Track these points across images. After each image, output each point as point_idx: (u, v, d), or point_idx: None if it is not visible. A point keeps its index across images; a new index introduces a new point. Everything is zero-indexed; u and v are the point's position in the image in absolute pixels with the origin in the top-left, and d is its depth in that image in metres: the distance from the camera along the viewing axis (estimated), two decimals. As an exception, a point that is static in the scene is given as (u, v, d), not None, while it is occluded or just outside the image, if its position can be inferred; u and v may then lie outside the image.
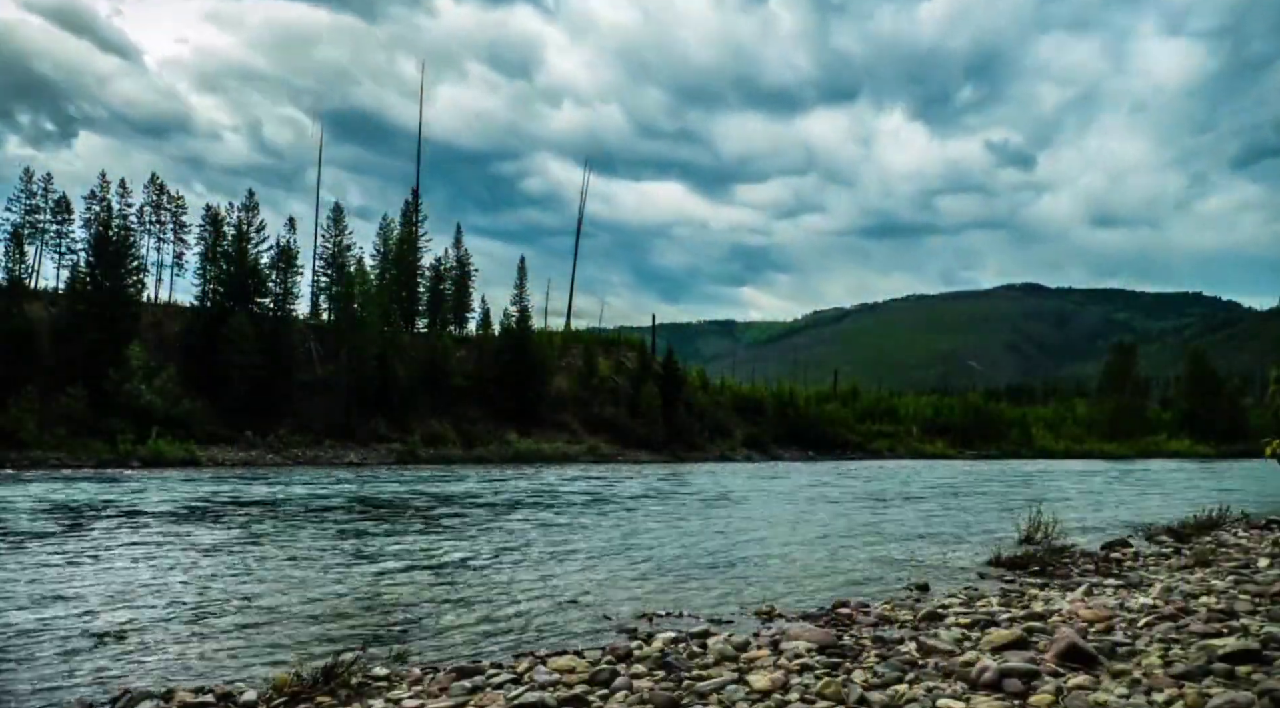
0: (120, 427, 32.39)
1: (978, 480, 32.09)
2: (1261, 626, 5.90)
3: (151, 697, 5.23)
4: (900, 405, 72.85)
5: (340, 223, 49.11)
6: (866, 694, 4.68)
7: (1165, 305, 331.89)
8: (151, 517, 15.41)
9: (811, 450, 55.28)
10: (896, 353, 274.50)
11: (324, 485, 23.92)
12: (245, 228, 42.37)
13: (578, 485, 25.74)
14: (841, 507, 19.94)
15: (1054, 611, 7.01)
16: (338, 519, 15.63)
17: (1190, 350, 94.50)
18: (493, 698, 4.96)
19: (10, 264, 36.86)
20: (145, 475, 26.36)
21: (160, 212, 47.16)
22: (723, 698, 4.79)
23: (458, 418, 44.70)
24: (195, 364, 38.65)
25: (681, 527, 15.28)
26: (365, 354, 41.14)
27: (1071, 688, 4.58)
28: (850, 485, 28.41)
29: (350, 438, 39.49)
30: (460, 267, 54.64)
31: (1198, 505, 15.92)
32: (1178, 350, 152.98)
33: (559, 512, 17.69)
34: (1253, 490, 26.96)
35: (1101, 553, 11.60)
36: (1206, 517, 14.40)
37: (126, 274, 38.46)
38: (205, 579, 9.34)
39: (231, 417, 36.95)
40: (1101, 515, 18.37)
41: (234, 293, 40.67)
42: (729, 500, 21.49)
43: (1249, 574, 8.79)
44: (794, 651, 5.76)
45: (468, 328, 54.05)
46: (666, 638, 6.52)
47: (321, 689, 5.22)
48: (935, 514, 18.35)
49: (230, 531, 13.59)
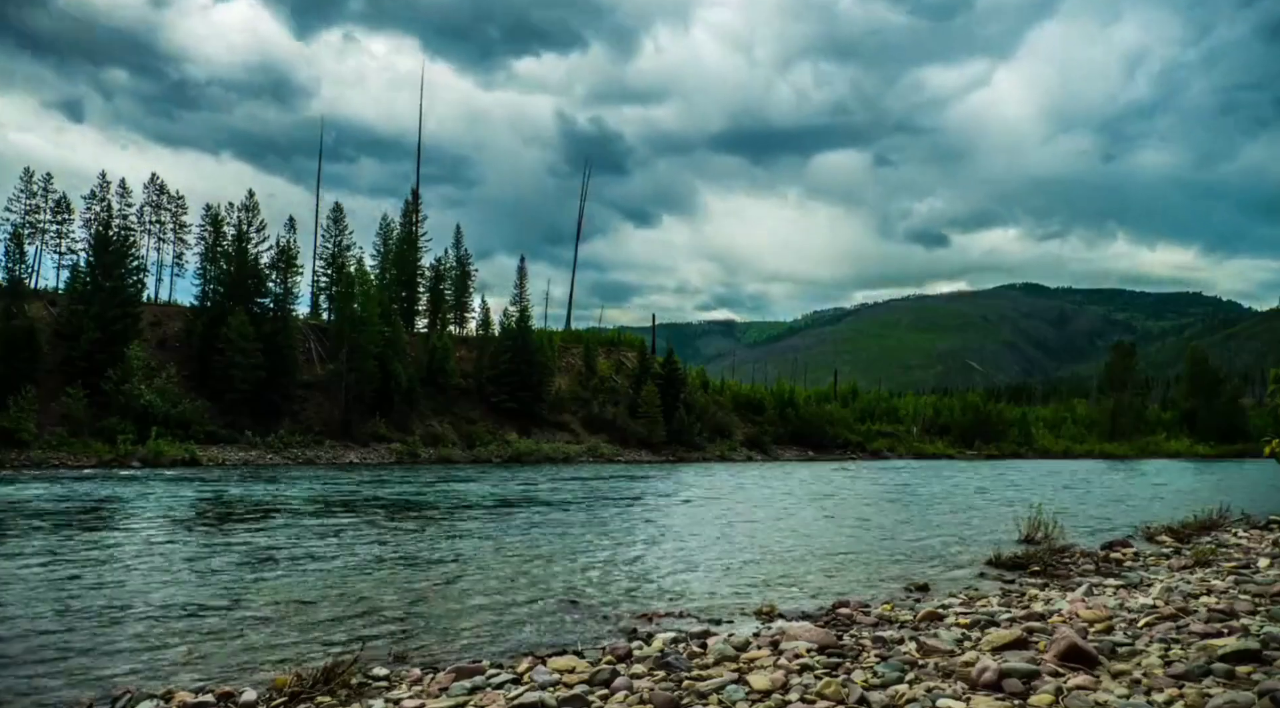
0: (120, 427, 32.38)
1: (977, 480, 32.08)
2: (1261, 626, 5.90)
3: (151, 697, 5.23)
4: (900, 405, 72.88)
5: (340, 223, 49.15)
6: (866, 694, 4.68)
7: (1165, 305, 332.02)
8: (151, 517, 15.41)
9: (811, 451, 55.28)
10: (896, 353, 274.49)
11: (324, 486, 23.91)
12: (245, 228, 42.35)
13: (578, 486, 25.73)
14: (841, 507, 19.94)
15: (1054, 611, 7.01)
16: (337, 520, 15.62)
17: (1190, 350, 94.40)
18: (493, 698, 4.96)
19: (10, 264, 36.86)
20: (145, 475, 26.35)
21: (160, 212, 47.23)
22: (723, 698, 4.78)
23: (458, 418, 44.69)
24: (195, 364, 38.65)
25: (681, 527, 15.28)
26: (365, 354, 41.12)
27: (1071, 688, 4.58)
28: (850, 485, 28.41)
29: (350, 438, 39.46)
30: (460, 267, 54.67)
31: (1198, 505, 15.92)
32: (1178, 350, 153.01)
33: (559, 512, 17.68)
34: (1253, 490, 26.95)
35: (1101, 553, 11.60)
36: (1206, 517, 14.41)
37: (126, 274, 38.42)
38: (205, 579, 9.33)
39: (231, 417, 36.94)
40: (1101, 515, 18.37)
41: (234, 293, 40.64)
42: (729, 501, 21.48)
43: (1249, 574, 8.80)
44: (794, 651, 5.76)
45: (468, 328, 54.12)
46: (666, 638, 6.52)
47: (321, 689, 5.23)
48: (935, 514, 18.35)
49: (230, 531, 13.59)
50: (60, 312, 37.06)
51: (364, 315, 42.03)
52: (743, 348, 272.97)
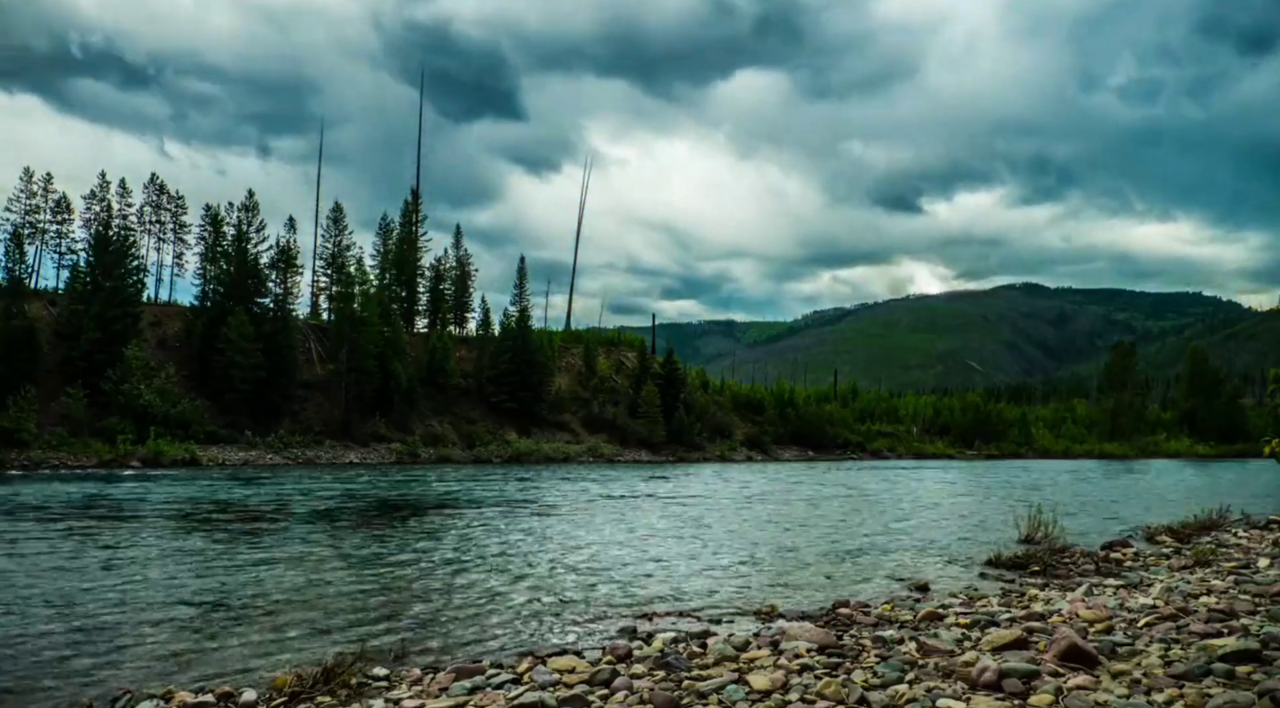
0: (120, 427, 32.38)
1: (977, 480, 32.08)
2: (1261, 626, 5.90)
3: (151, 697, 5.23)
4: (900, 405, 72.86)
5: (340, 223, 49.13)
6: (866, 694, 4.68)
7: (1165, 305, 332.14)
8: (151, 517, 15.41)
9: (811, 451, 55.28)
10: (896, 353, 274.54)
11: (323, 486, 23.91)
12: (245, 228, 42.34)
13: (578, 486, 25.73)
14: (841, 507, 19.93)
15: (1054, 611, 7.00)
16: (337, 520, 15.62)
17: (1190, 350, 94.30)
18: (493, 698, 4.96)
19: (10, 264, 36.84)
20: (145, 475, 26.34)
21: (160, 212, 47.22)
22: (723, 698, 4.78)
23: (458, 418, 44.68)
24: (195, 364, 38.64)
25: (681, 527, 15.27)
26: (365, 354, 41.11)
27: (1071, 688, 4.58)
28: (850, 485, 28.40)
29: (350, 438, 39.45)
30: (460, 267, 54.69)
31: (1198, 505, 15.92)
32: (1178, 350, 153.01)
33: (559, 512, 17.68)
34: (1253, 490, 26.95)
35: (1101, 553, 11.59)
36: (1206, 517, 14.40)
37: (126, 274, 38.42)
38: (205, 580, 9.33)
39: (231, 417, 36.94)
40: (1101, 515, 18.37)
41: (234, 293, 40.63)
42: (728, 501, 21.48)
43: (1249, 574, 8.80)
44: (794, 651, 5.76)
45: (468, 328, 54.13)
46: (666, 638, 6.52)
47: (321, 689, 5.23)
48: (935, 514, 18.35)
49: (230, 531, 13.59)
50: (60, 312, 37.06)
51: (364, 315, 42.03)
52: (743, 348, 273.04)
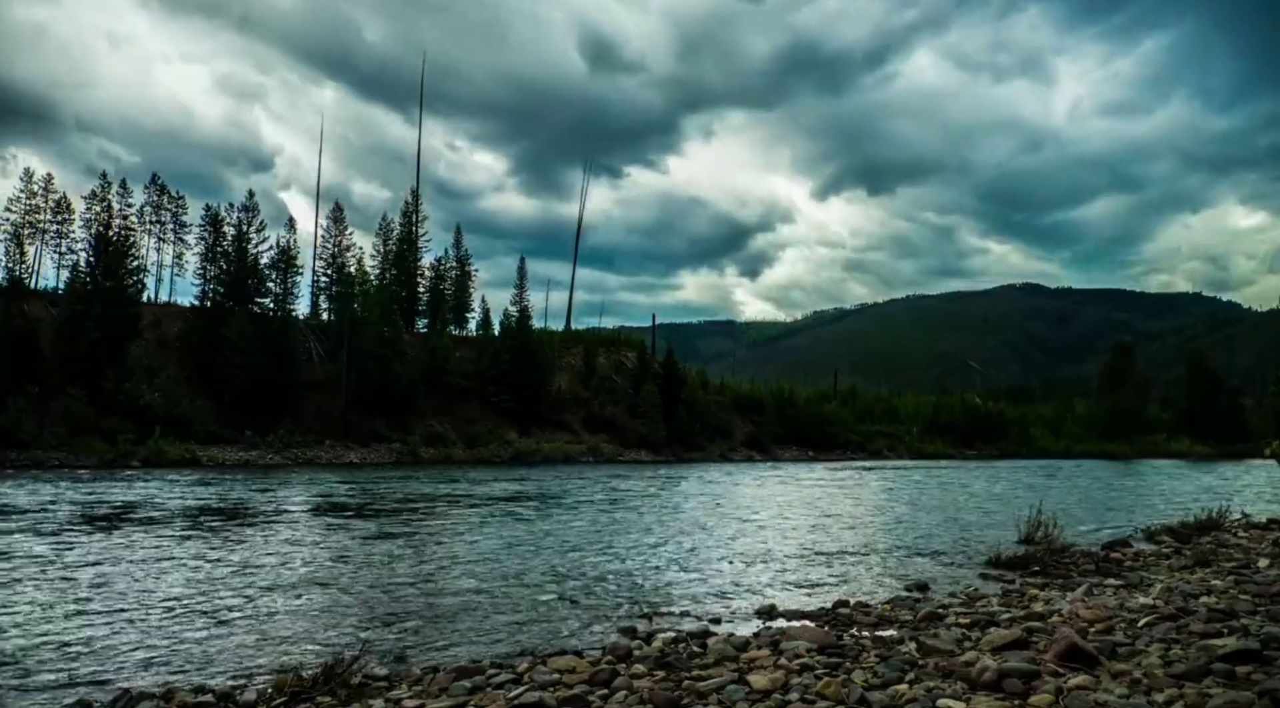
0: (121, 427, 32.38)
1: (977, 480, 32.07)
2: (1261, 626, 5.90)
3: (151, 697, 5.23)
4: (900, 405, 72.76)
5: (340, 223, 49.18)
6: (867, 695, 4.68)
7: (1165, 305, 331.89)
8: (151, 517, 15.41)
9: (811, 450, 55.26)
10: (896, 353, 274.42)
11: (323, 486, 23.91)
12: (245, 228, 42.36)
13: (578, 485, 25.73)
14: (841, 507, 19.94)
15: (1054, 611, 7.01)
16: (337, 520, 15.62)
17: (1190, 351, 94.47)
18: (493, 698, 4.96)
19: (10, 264, 36.86)
20: (145, 475, 26.34)
21: (160, 212, 47.23)
22: (723, 698, 4.79)
23: (458, 418, 44.67)
24: (195, 364, 38.63)
25: (681, 527, 15.27)
26: (365, 354, 41.11)
27: (1071, 688, 4.58)
28: (849, 485, 28.40)
29: (350, 438, 39.45)
30: (460, 267, 54.68)
31: (1198, 505, 15.92)
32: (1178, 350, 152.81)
33: (559, 512, 17.68)
34: (1252, 490, 26.95)
35: (1101, 553, 11.59)
36: (1206, 517, 14.39)
37: (126, 274, 38.43)
38: (205, 580, 9.34)
39: (232, 417, 36.93)
40: (1101, 515, 18.37)
41: (234, 293, 40.65)
42: (728, 500, 21.48)
43: (1249, 574, 8.79)
44: (794, 651, 5.77)
45: (468, 328, 54.13)
46: (666, 638, 6.53)
47: (321, 689, 5.23)
48: (934, 514, 18.35)
49: (230, 531, 13.59)
50: (60, 312, 37.06)
51: (364, 315, 42.05)
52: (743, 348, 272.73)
